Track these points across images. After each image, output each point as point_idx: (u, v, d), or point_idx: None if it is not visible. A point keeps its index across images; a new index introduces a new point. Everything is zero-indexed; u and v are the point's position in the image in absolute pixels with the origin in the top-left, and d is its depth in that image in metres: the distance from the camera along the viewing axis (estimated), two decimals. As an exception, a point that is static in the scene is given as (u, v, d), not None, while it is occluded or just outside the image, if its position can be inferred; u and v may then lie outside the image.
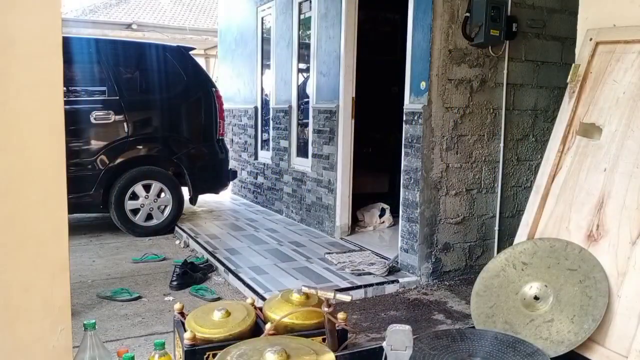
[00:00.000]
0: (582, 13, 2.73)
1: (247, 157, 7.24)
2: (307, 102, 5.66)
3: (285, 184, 6.05)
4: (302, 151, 5.83)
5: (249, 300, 2.66)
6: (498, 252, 3.91)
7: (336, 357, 1.92)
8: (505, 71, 3.98)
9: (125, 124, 5.17)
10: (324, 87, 5.22)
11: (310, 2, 5.46)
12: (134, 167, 5.21)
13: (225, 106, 6.26)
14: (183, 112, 5.58)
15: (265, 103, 6.91)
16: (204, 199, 6.63)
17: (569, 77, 2.66)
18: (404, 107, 4.01)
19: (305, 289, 2.43)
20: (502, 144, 4.05)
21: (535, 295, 2.37)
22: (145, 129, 5.41)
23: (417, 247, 3.85)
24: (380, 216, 5.36)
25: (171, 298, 3.55)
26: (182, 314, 2.52)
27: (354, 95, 4.89)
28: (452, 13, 3.75)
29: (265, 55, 6.82)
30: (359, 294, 3.58)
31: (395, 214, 5.06)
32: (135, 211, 5.24)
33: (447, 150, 3.86)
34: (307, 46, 5.63)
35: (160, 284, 3.85)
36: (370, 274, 3.84)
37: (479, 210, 4.05)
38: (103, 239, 5.18)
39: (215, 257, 4.33)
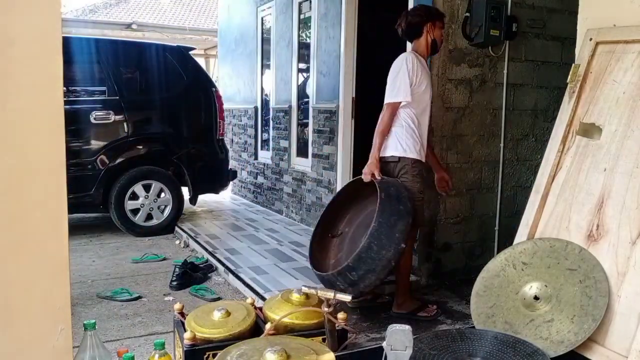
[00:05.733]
0: (582, 13, 2.73)
1: (247, 157, 7.24)
2: (307, 102, 5.66)
3: (285, 184, 6.05)
4: (302, 151, 5.83)
5: (249, 300, 2.66)
6: (498, 252, 3.90)
7: (336, 357, 1.92)
8: (505, 71, 3.97)
9: (125, 124, 5.17)
10: (324, 87, 5.22)
11: (310, 2, 5.46)
12: (134, 167, 5.21)
13: (225, 106, 6.27)
14: (183, 112, 5.58)
15: (265, 103, 6.91)
16: (204, 199, 6.63)
17: (569, 77, 2.66)
18: (404, 107, 4.00)
19: (305, 289, 2.43)
20: (502, 144, 4.05)
21: (535, 295, 2.37)
22: (145, 129, 5.42)
23: (417, 247, 3.84)
24: (380, 216, 5.35)
25: (171, 298, 3.55)
26: (182, 314, 2.53)
27: (354, 95, 4.89)
28: (452, 13, 3.74)
29: (265, 55, 6.82)
30: (359, 294, 3.57)
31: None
32: (135, 211, 5.24)
33: (447, 150, 3.85)
34: (307, 46, 5.63)
35: (160, 284, 3.85)
36: (370, 274, 3.83)
37: (479, 210, 4.04)
38: (103, 239, 5.18)
39: (215, 257, 4.33)
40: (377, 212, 2.81)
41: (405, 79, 3.02)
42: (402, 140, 3.10)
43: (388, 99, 3.10)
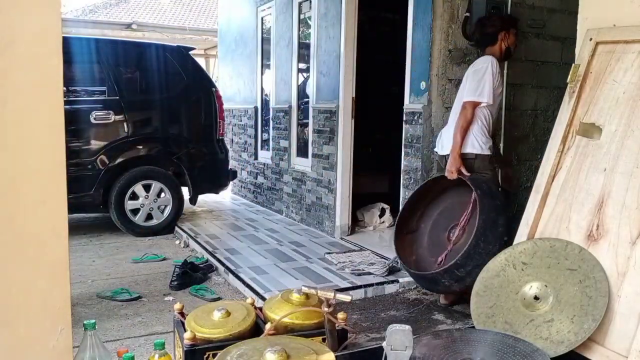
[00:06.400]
0: (582, 13, 2.73)
1: (247, 157, 7.24)
2: (307, 102, 5.66)
3: (285, 184, 6.05)
4: (302, 151, 5.82)
5: (249, 300, 2.66)
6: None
7: (336, 357, 1.91)
8: (505, 71, 3.97)
9: (125, 124, 5.17)
10: (324, 87, 5.22)
11: (310, 2, 5.46)
12: (134, 167, 5.21)
13: (225, 106, 6.26)
14: (183, 112, 5.58)
15: (265, 103, 6.91)
16: (204, 199, 6.63)
17: (569, 77, 2.66)
18: (404, 107, 4.01)
19: (305, 289, 2.43)
20: (502, 144, 4.05)
21: (535, 295, 2.37)
22: (145, 129, 5.41)
23: (417, 247, 3.84)
24: (380, 216, 5.36)
25: (171, 298, 3.55)
26: (182, 314, 2.53)
27: (354, 95, 4.89)
28: (452, 13, 3.75)
29: (265, 55, 6.82)
30: (359, 294, 3.58)
31: (395, 214, 5.05)
32: (135, 211, 5.24)
33: (447, 150, 3.85)
34: (307, 46, 5.63)
35: (160, 284, 3.85)
36: (370, 273, 3.84)
37: (479, 210, 4.04)
38: (103, 239, 5.18)
39: (215, 257, 4.33)
40: (479, 209, 2.95)
41: (490, 80, 3.16)
42: (478, 138, 3.23)
43: (471, 97, 3.19)
